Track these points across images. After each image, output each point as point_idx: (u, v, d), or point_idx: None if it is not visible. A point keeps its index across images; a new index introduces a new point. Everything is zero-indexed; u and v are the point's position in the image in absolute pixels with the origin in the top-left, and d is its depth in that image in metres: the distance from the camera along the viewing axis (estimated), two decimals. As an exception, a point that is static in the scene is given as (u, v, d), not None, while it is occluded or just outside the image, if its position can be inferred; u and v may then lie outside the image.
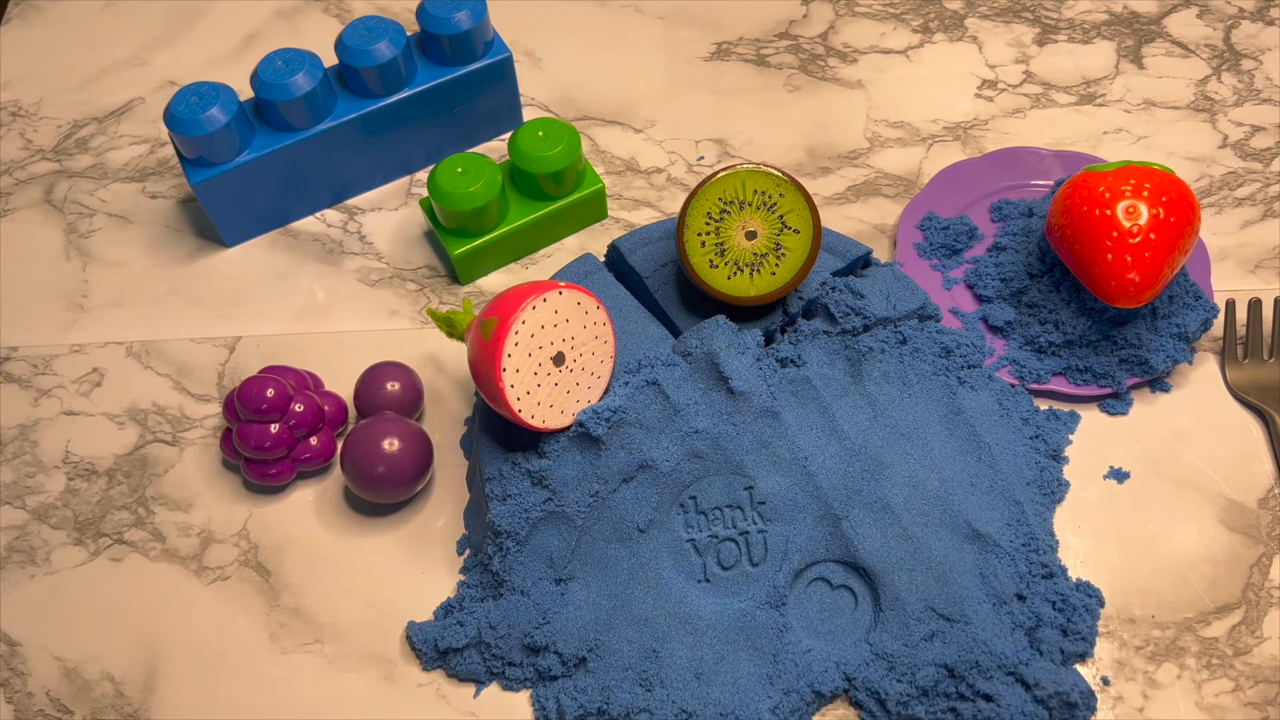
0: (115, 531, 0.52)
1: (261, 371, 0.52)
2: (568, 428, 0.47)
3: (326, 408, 0.53)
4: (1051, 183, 0.59)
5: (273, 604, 0.50)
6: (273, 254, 0.62)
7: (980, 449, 0.49)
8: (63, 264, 0.62)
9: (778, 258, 0.50)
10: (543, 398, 0.46)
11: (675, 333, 0.53)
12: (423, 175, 0.64)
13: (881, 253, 0.59)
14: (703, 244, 0.50)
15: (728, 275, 0.50)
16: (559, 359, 0.46)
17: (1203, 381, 0.54)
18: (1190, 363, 0.54)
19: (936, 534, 0.47)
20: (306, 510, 0.52)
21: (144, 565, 0.51)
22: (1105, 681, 0.46)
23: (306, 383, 0.54)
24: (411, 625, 0.48)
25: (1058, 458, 0.51)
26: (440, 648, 0.47)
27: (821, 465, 0.48)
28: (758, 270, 0.50)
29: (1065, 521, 0.50)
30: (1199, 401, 0.53)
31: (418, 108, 0.60)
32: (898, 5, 0.71)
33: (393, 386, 0.52)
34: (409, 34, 0.60)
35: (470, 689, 0.47)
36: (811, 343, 0.51)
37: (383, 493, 0.50)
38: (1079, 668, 0.46)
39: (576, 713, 0.45)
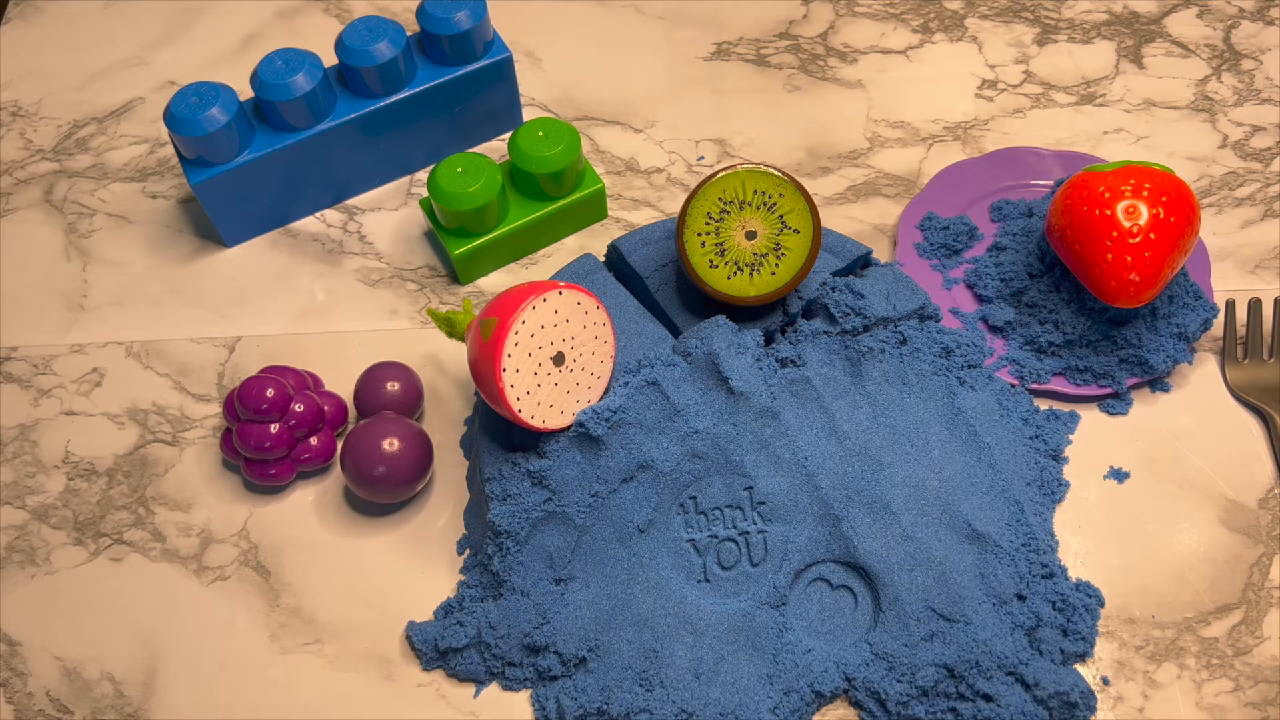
0: (115, 531, 0.52)
1: (261, 371, 0.52)
2: (568, 428, 0.47)
3: (326, 408, 0.53)
4: (1051, 183, 0.59)
5: (273, 604, 0.50)
6: (273, 254, 0.62)
7: (980, 449, 0.49)
8: (63, 264, 0.62)
9: (778, 258, 0.50)
10: (543, 398, 0.46)
11: (675, 333, 0.53)
12: (423, 175, 0.64)
13: (881, 253, 0.59)
14: (703, 244, 0.50)
15: (728, 275, 0.50)
16: (559, 359, 0.46)
17: (1203, 381, 0.54)
18: (1190, 363, 0.54)
19: (936, 534, 0.47)
20: (306, 510, 0.52)
21: (144, 565, 0.51)
22: (1105, 681, 0.46)
23: (306, 383, 0.54)
24: (411, 625, 0.48)
25: (1058, 458, 0.51)
26: (440, 648, 0.47)
27: (821, 465, 0.48)
28: (758, 270, 0.50)
29: (1065, 521, 0.50)
30: (1199, 401, 0.53)
31: (418, 108, 0.60)
32: (898, 5, 0.71)
33: (393, 386, 0.52)
34: (409, 34, 0.60)
35: (470, 689, 0.47)
36: (811, 343, 0.51)
37: (383, 493, 0.50)
38: (1079, 668, 0.46)
39: (576, 713, 0.45)
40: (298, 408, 0.51)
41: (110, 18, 0.74)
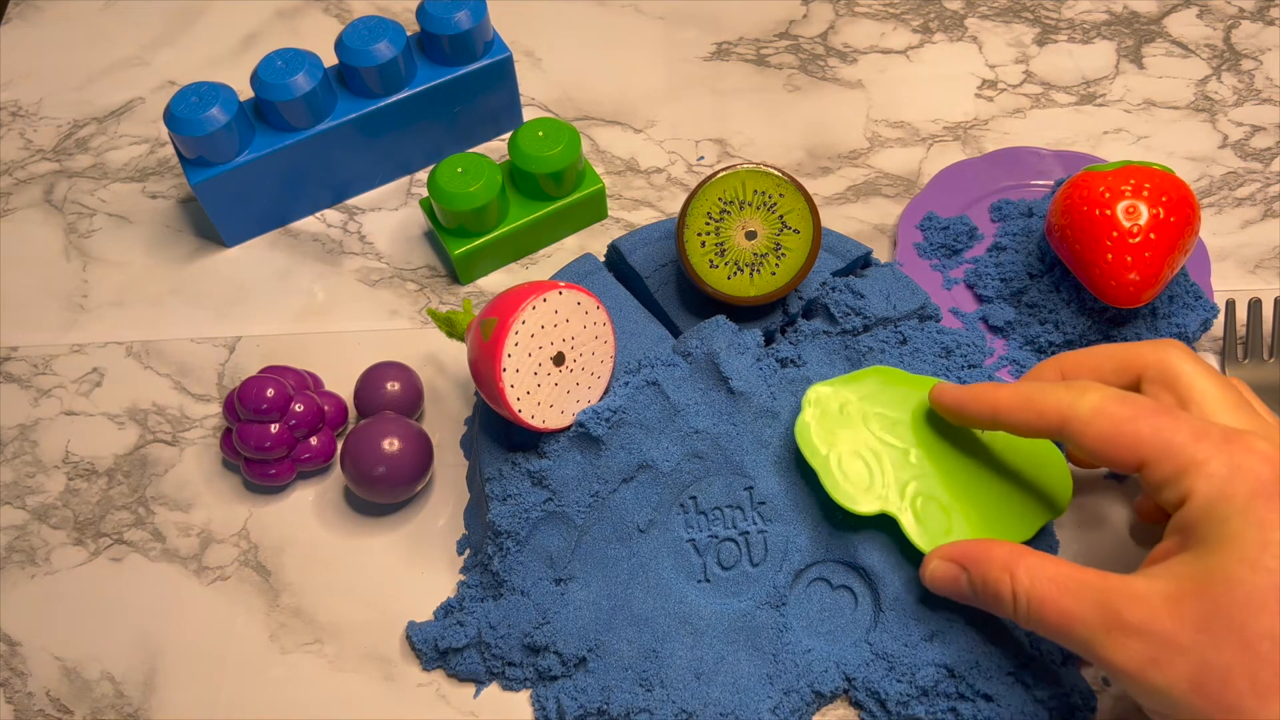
0: (115, 531, 0.52)
1: (261, 371, 0.52)
2: (568, 428, 0.47)
3: (326, 408, 0.53)
4: (1051, 183, 0.59)
5: (273, 604, 0.50)
6: (273, 254, 0.62)
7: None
8: (63, 264, 0.62)
9: (778, 258, 0.50)
10: (543, 398, 0.46)
11: (675, 333, 0.53)
12: (423, 175, 0.64)
13: (881, 253, 0.59)
14: (703, 244, 0.50)
15: (728, 275, 0.50)
16: (559, 359, 0.46)
17: (1203, 381, 0.54)
18: (1190, 363, 0.54)
19: (936, 534, 0.47)
20: (306, 510, 0.52)
21: (144, 565, 0.51)
22: (1105, 682, 0.46)
23: (306, 383, 0.54)
24: (411, 625, 0.48)
25: (1058, 458, 0.51)
26: (440, 648, 0.47)
27: (821, 465, 0.48)
28: (758, 270, 0.50)
29: (1065, 521, 0.50)
30: (1199, 401, 0.53)
31: (418, 108, 0.60)
32: (898, 5, 0.71)
33: (393, 386, 0.52)
34: (409, 34, 0.60)
35: (470, 689, 0.47)
36: (811, 343, 0.51)
37: (383, 493, 0.50)
38: (1079, 668, 0.46)
39: (576, 713, 0.45)
40: (298, 408, 0.51)
41: (110, 18, 0.74)
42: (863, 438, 0.47)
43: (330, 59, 0.60)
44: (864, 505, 0.45)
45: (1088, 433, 0.39)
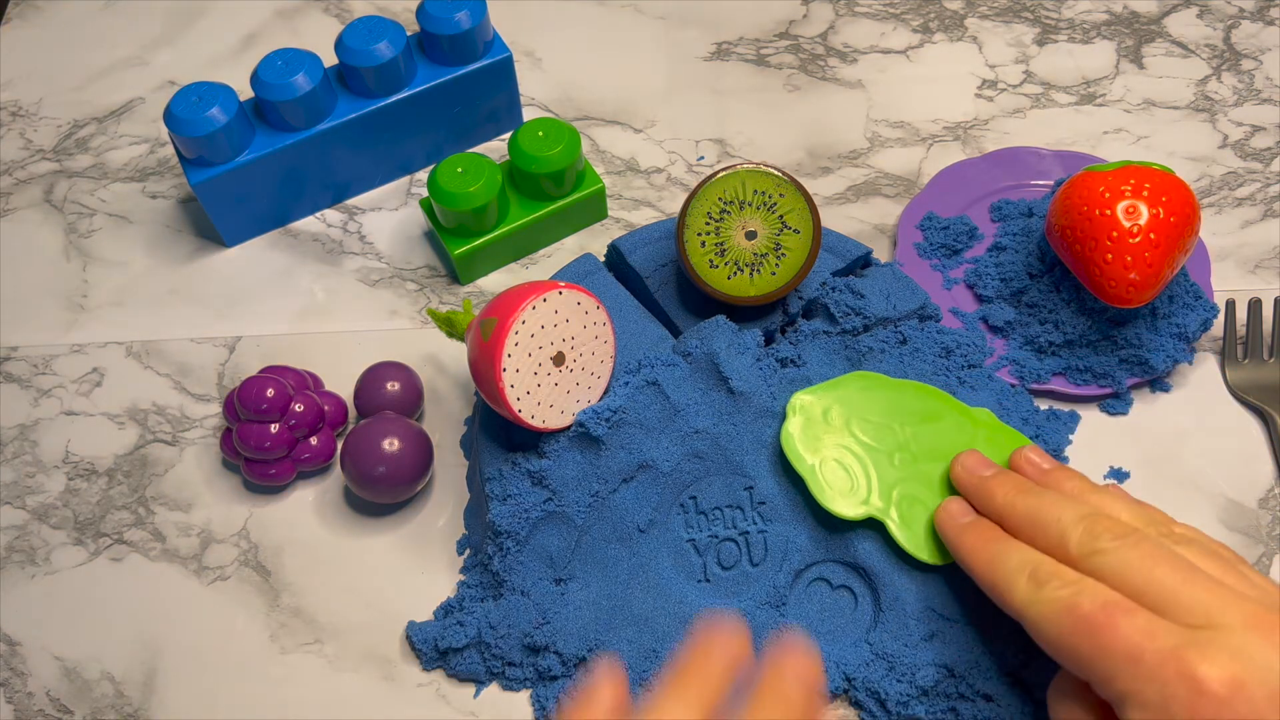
0: (115, 531, 0.52)
1: (261, 371, 0.52)
2: (568, 428, 0.47)
3: (326, 408, 0.53)
4: (1051, 183, 0.59)
5: (273, 604, 0.50)
6: (273, 254, 0.62)
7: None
8: (63, 264, 0.62)
9: (778, 258, 0.50)
10: (543, 398, 0.46)
11: (675, 333, 0.53)
12: (423, 175, 0.64)
13: (881, 253, 0.59)
14: (703, 244, 0.50)
15: (728, 275, 0.50)
16: (559, 359, 0.46)
17: (1203, 381, 0.54)
18: (1190, 363, 0.54)
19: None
20: (306, 510, 0.52)
21: (144, 565, 0.51)
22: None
23: (306, 383, 0.54)
24: (411, 625, 0.48)
25: (1058, 458, 0.51)
26: (440, 648, 0.47)
27: (821, 465, 0.48)
28: (758, 270, 0.50)
29: (1065, 521, 0.50)
30: (1199, 401, 0.53)
31: (418, 108, 0.60)
32: (898, 5, 0.71)
33: (393, 386, 0.52)
34: (409, 34, 0.60)
35: (470, 689, 0.47)
36: (811, 343, 0.51)
37: (383, 493, 0.50)
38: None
39: (576, 713, 0.45)
40: (298, 408, 0.51)
41: (110, 18, 0.74)
42: (847, 443, 0.47)
43: (330, 59, 0.60)
44: (850, 510, 0.46)
45: (1037, 633, 0.38)
